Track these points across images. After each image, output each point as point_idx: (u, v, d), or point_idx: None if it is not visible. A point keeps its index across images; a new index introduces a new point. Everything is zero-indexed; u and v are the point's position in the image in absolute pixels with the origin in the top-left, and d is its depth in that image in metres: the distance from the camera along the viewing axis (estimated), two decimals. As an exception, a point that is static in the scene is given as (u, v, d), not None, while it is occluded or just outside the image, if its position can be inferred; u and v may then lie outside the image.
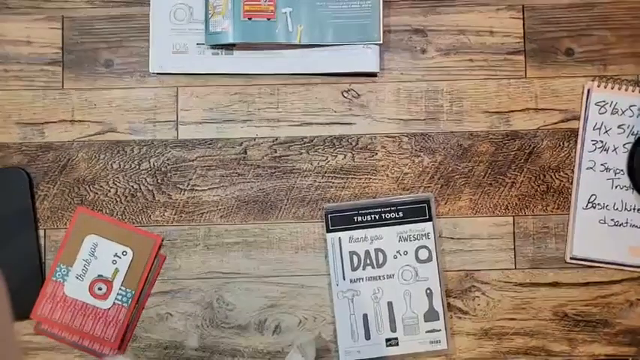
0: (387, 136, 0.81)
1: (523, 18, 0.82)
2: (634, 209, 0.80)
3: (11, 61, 0.82)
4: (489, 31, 0.81)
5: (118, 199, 0.81)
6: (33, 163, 0.81)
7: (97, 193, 0.81)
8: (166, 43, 0.81)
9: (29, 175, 0.81)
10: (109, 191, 0.81)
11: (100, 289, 0.79)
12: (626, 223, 0.80)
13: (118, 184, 0.81)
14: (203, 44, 0.81)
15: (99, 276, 0.79)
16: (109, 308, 0.79)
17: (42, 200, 0.81)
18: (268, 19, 0.79)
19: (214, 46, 0.81)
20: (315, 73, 0.81)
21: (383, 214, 0.80)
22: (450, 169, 0.81)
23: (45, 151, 0.81)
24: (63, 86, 0.82)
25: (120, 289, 0.79)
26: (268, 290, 0.81)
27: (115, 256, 0.79)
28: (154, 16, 0.81)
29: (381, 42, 0.80)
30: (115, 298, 0.79)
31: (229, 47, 0.81)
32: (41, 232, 0.81)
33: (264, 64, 0.81)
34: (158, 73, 0.82)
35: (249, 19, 0.79)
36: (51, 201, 0.81)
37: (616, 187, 0.80)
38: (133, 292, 0.79)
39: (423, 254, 0.80)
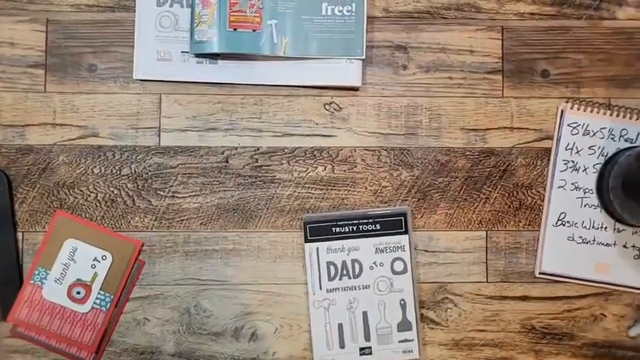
0: (366, 150, 0.83)
1: (502, 39, 0.84)
2: (601, 227, 0.83)
3: (-6, 62, 0.81)
4: (469, 51, 0.83)
5: (98, 204, 0.81)
6: (12, 166, 0.81)
7: (76, 198, 0.81)
8: (151, 50, 0.81)
9: (8, 177, 0.81)
10: (89, 196, 0.81)
11: (78, 292, 0.80)
12: (594, 240, 0.83)
13: (98, 188, 0.81)
14: (188, 52, 0.81)
15: (78, 280, 0.80)
16: (87, 312, 0.80)
17: (21, 203, 0.81)
18: (254, 31, 0.80)
19: (199, 55, 0.81)
20: (298, 85, 0.82)
21: (360, 226, 0.82)
22: (427, 183, 0.83)
23: (25, 153, 0.81)
24: (45, 89, 0.82)
25: (99, 293, 0.80)
26: (245, 298, 0.82)
27: (94, 260, 0.80)
28: (139, 22, 0.81)
29: (364, 57, 0.81)
30: (94, 303, 0.80)
31: (214, 56, 0.82)
32: (19, 235, 0.81)
33: (247, 75, 0.82)
34: (142, 80, 0.82)
35: (235, 29, 0.80)
36: (30, 204, 0.81)
37: (585, 205, 0.83)
38: (112, 297, 0.80)
39: (399, 266, 0.82)
